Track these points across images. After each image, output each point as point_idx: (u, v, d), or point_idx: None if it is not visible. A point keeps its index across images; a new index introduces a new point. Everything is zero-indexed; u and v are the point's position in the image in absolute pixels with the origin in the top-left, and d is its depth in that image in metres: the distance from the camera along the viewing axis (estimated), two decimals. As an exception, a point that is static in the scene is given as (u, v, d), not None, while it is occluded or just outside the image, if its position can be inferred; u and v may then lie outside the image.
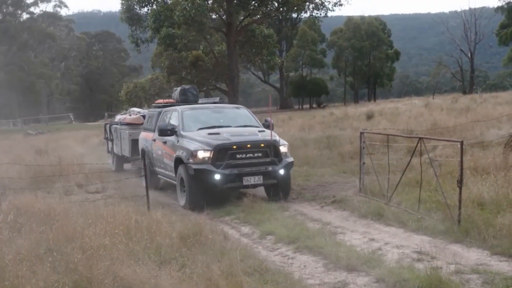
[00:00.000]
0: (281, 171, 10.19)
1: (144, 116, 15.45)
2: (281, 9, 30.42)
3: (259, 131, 10.90)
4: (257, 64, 36.05)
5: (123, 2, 30.29)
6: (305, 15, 34.66)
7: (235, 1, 28.65)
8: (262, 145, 10.22)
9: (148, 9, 29.39)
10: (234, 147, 10.00)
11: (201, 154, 9.93)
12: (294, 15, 54.79)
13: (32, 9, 76.36)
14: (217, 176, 9.80)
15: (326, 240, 7.13)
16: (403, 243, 7.00)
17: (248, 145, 10.13)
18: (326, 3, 30.82)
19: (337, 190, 10.88)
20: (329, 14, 32.35)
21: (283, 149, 10.51)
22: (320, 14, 32.33)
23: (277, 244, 7.51)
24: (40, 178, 12.61)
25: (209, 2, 28.79)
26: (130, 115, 17.10)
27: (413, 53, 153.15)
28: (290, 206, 9.87)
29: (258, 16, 30.10)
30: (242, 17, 29.92)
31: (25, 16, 75.64)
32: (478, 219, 7.06)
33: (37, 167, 12.89)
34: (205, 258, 6.14)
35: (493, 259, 6.10)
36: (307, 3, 30.49)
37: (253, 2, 29.36)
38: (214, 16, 30.98)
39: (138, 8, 29.99)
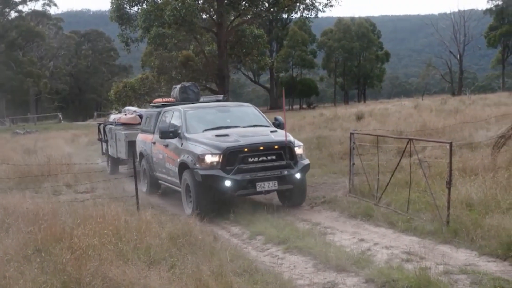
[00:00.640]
0: (298, 175, 9.36)
1: (140, 116, 14.73)
2: (271, 9, 30.46)
3: (271, 131, 10.02)
4: (247, 65, 36.07)
5: (113, 1, 30.16)
6: (295, 15, 34.75)
7: (225, 1, 28.67)
8: (276, 146, 9.32)
9: (138, 9, 29.32)
10: (246, 149, 9.05)
11: (209, 159, 9.01)
12: (285, 16, 54.87)
13: (20, 7, 75.74)
14: (228, 183, 8.90)
15: (315, 241, 7.14)
16: (392, 244, 7.03)
17: (261, 147, 9.19)
18: (316, 4, 30.96)
19: (327, 190, 10.89)
20: (320, 15, 32.55)
21: (298, 150, 9.65)
22: (311, 15, 32.50)
23: (267, 245, 7.51)
24: (28, 178, 12.54)
25: (199, 2, 28.77)
26: (125, 115, 16.20)
27: (402, 55, 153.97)
28: (279, 206, 9.87)
29: (249, 17, 30.12)
30: (233, 17, 29.95)
31: (13, 14, 74.99)
32: (467, 220, 7.10)
33: (25, 167, 12.81)
34: (195, 258, 6.14)
35: (481, 259, 6.14)
36: (298, 4, 30.56)
37: (244, 3, 29.39)
38: (204, 16, 30.96)
39: (128, 8, 29.91)
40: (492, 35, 72.62)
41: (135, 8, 29.74)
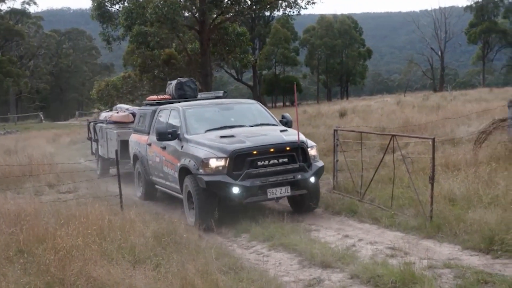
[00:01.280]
0: (312, 179, 8.55)
1: (133, 114, 13.99)
2: (254, 7, 30.37)
3: (281, 131, 9.17)
4: (230, 62, 36.00)
5: (94, -1, 29.98)
6: (278, 13, 34.66)
7: (207, -1, 28.61)
8: (288, 148, 8.48)
9: (119, 7, 29.06)
10: (255, 152, 8.20)
11: (214, 163, 8.17)
12: (267, 13, 54.79)
13: (-1, 6, 74.83)
14: (236, 190, 8.06)
15: (300, 237, 7.16)
16: (376, 239, 7.08)
17: (271, 149, 8.33)
18: (299, 1, 30.90)
19: (311, 187, 10.90)
20: (302, 12, 32.39)
21: (312, 151, 8.85)
22: (293, 12, 32.37)
23: (252, 242, 7.52)
24: (9, 179, 12.40)
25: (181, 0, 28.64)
26: (117, 113, 15.26)
27: (384, 52, 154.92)
28: (264, 204, 9.87)
29: (231, 14, 29.99)
30: (215, 15, 29.81)
31: (-9, 13, 74.10)
32: (450, 215, 7.18)
33: (6, 167, 12.66)
34: (180, 257, 6.12)
35: (464, 253, 6.21)
36: (280, 1, 30.55)
37: (226, 0, 29.30)
38: (186, 14, 30.73)
39: (109, 6, 29.60)
40: (472, 32, 73.50)
41: (117, 6, 29.47)
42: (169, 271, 5.64)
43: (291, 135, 8.89)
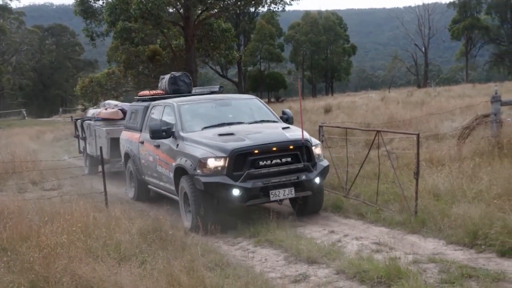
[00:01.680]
0: (317, 180, 8.09)
1: (122, 110, 13.68)
2: (238, 3, 30.30)
3: (283, 128, 8.68)
4: (215, 59, 35.90)
5: (77, -6, 29.68)
6: (262, 9, 34.66)
7: (192, -5, 28.46)
8: (292, 146, 8.00)
9: (103, 2, 28.83)
10: (256, 151, 7.72)
11: (212, 163, 7.67)
12: (252, 9, 54.79)
13: (-21, 1, 73.88)
14: (236, 191, 7.57)
15: (286, 233, 7.17)
16: (362, 235, 7.12)
17: (274, 148, 7.85)
18: (283, -3, 30.91)
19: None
20: (287, 8, 32.44)
21: (317, 150, 8.38)
22: (278, 9, 32.41)
23: (237, 239, 7.52)
24: (-8, 176, 12.24)
25: (165, -5, 28.48)
26: (106, 109, 14.79)
27: (369, 48, 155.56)
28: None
29: (216, 10, 29.90)
30: (200, 11, 29.69)
31: (-29, 8, 73.12)
32: (434, 210, 7.24)
33: (-12, 165, 12.51)
34: (166, 254, 6.11)
35: (448, 248, 6.26)
36: (265, -3, 30.56)
37: (211, -4, 29.20)
38: (171, 10, 30.59)
39: (92, 1, 29.37)
40: (455, 28, 74.11)
41: (100, 2, 29.24)
42: (155, 268, 5.62)
43: (294, 132, 8.42)
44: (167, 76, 11.66)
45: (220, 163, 7.66)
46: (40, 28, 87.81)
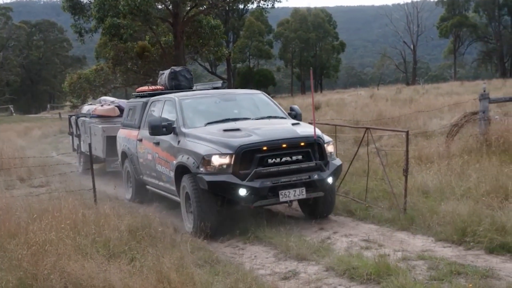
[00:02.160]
0: (329, 179, 7.56)
1: (119, 107, 13.19)
2: (228, 0, 30.28)
3: (293, 124, 8.16)
4: (204, 55, 35.76)
5: (65, -10, 29.45)
6: (252, 6, 34.54)
7: (181, -9, 28.35)
8: (303, 143, 7.45)
9: (91, -2, 28.68)
10: (265, 148, 7.20)
11: (217, 160, 7.14)
12: (241, 6, 54.66)
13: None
14: (243, 191, 7.05)
15: (276, 231, 7.17)
16: (351, 232, 7.14)
17: (284, 145, 7.31)
18: (273, -6, 30.86)
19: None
20: (276, 5, 32.36)
21: (329, 148, 7.84)
22: (267, 5, 32.33)
23: (227, 235, 7.50)
24: (-21, 173, 12.15)
25: (154, -9, 28.34)
26: (101, 106, 14.22)
27: (358, 45, 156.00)
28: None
29: (205, 7, 29.81)
30: (189, 8, 29.57)
31: (-42, 3, 72.31)
32: (423, 207, 7.29)
33: (-25, 161, 12.40)
34: (155, 251, 6.08)
35: (437, 245, 6.30)
36: (254, -6, 30.52)
37: (200, -7, 29.10)
38: (160, 6, 30.46)
39: (81, -3, 29.21)
40: (444, 26, 74.48)
41: (89, -2, 29.09)
42: (144, 265, 5.60)
43: (305, 129, 7.95)
44: (167, 71, 11.13)
45: (226, 160, 7.14)
46: (27, 24, 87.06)
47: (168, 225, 7.67)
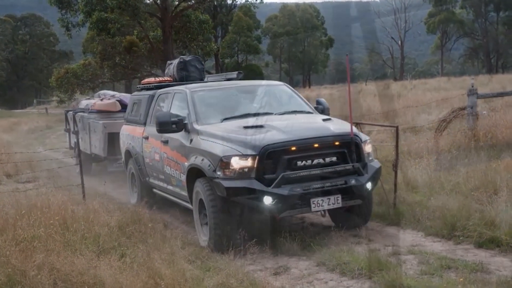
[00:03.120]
0: (369, 185, 6.51)
1: (121, 101, 12.33)
2: (216, -6, 30.22)
3: (324, 120, 7.17)
4: (192, 50, 35.65)
5: (52, -16, 29.12)
6: (240, 1, 34.51)
7: (169, -15, 28.21)
8: (338, 143, 6.45)
9: (79, -8, 28.41)
10: (293, 148, 6.19)
11: (238, 163, 6.12)
12: (230, 1, 54.59)
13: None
14: (268, 200, 6.02)
15: (266, 226, 7.15)
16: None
17: (316, 144, 6.30)
18: (261, -11, 30.89)
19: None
20: (265, 0, 32.37)
21: (367, 148, 6.78)
22: (256, 1, 32.35)
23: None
24: (-35, 169, 12.02)
25: (142, -14, 28.15)
26: (101, 100, 13.28)
27: (346, 40, 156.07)
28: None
29: (193, 1, 29.71)
30: (177, 2, 29.44)
31: None
32: (413, 202, 7.35)
33: (-38, 157, 12.27)
34: (146, 246, 6.06)
35: (427, 240, 6.34)
36: (243, -11, 30.48)
37: (188, -13, 29.00)
38: (148, 1, 30.30)
39: (68, -9, 28.92)
40: (431, 22, 74.82)
41: (76, -9, 28.82)
42: (134, 261, 5.57)
43: (339, 125, 6.99)
44: (175, 61, 9.90)
45: (248, 163, 6.12)
46: (12, 18, 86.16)
47: (158, 220, 7.64)
